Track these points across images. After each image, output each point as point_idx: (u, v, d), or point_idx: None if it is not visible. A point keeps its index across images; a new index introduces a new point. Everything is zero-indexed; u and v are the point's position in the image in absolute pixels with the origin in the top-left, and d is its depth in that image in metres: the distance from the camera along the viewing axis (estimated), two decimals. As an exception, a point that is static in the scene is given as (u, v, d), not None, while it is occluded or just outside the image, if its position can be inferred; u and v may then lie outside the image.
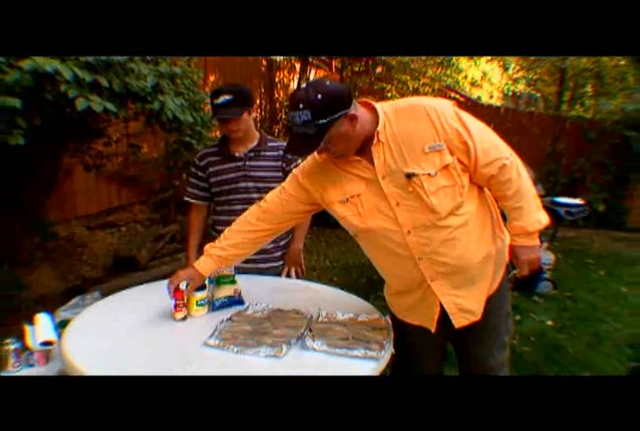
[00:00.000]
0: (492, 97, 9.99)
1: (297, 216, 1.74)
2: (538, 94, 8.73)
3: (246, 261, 2.11)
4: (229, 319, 1.66)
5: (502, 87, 9.66)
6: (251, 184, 2.17)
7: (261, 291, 1.94)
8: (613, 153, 6.94)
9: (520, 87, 9.19)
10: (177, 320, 1.65)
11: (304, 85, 1.43)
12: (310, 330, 1.56)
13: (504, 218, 1.64)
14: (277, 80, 7.29)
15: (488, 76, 9.27)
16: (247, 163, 2.17)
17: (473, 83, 9.29)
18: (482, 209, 1.56)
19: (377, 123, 1.47)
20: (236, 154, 2.17)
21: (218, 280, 1.78)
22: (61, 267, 3.58)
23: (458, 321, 1.58)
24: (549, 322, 3.58)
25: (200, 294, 1.70)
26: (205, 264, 1.71)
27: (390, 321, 1.66)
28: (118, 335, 1.56)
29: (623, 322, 3.64)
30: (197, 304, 1.69)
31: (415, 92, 8.04)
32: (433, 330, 1.62)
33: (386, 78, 8.02)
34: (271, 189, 2.16)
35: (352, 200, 1.54)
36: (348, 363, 1.40)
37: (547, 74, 7.79)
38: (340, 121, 1.42)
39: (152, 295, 1.90)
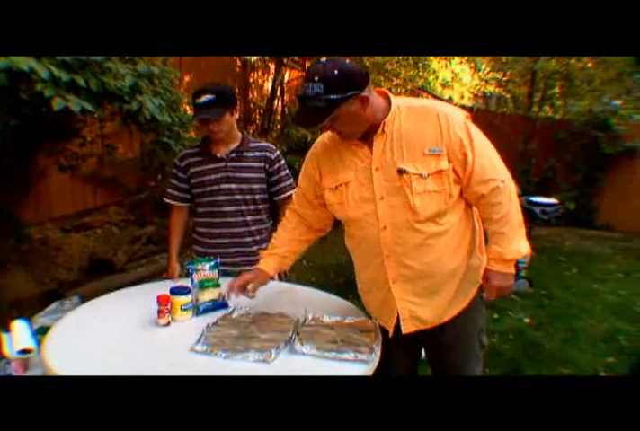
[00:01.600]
0: (462, 97, 10.12)
1: (328, 215, 1.72)
2: (508, 95, 8.86)
3: (228, 264, 2.10)
4: (215, 323, 1.63)
5: (473, 88, 9.79)
6: (234, 186, 2.14)
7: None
8: (582, 153, 7.10)
9: (491, 88, 9.32)
10: (161, 325, 1.62)
11: (323, 59, 1.43)
12: (298, 334, 1.55)
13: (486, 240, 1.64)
14: (251, 80, 7.25)
15: (459, 77, 9.36)
16: (229, 164, 2.14)
17: (444, 84, 9.39)
18: (465, 223, 1.57)
19: (388, 113, 1.48)
20: (218, 155, 2.14)
21: (202, 284, 1.75)
22: (36, 270, 3.49)
23: (407, 327, 1.60)
24: (527, 320, 3.65)
25: (185, 299, 1.67)
26: (268, 264, 1.75)
27: (377, 324, 1.66)
28: (101, 342, 1.53)
29: (596, 318, 3.74)
30: (181, 309, 1.67)
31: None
32: (390, 334, 1.63)
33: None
34: (253, 190, 2.17)
35: (340, 188, 1.56)
36: (338, 366, 1.40)
37: (519, 75, 7.92)
38: (351, 101, 1.41)
39: (133, 300, 1.88)
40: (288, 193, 2.25)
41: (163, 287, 2.02)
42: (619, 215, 6.82)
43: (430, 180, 1.45)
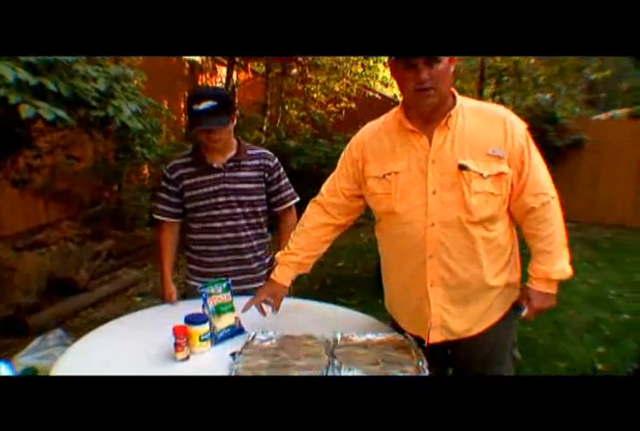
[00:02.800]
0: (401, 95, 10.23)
1: (355, 201, 1.63)
2: (455, 92, 9.05)
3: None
4: (240, 353, 1.46)
5: None
6: (232, 198, 1.94)
7: (255, 315, 1.74)
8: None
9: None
10: (179, 360, 1.43)
11: None
12: (334, 357, 1.42)
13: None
14: (200, 83, 7.02)
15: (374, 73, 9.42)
16: (227, 175, 1.94)
17: (384, 83, 9.47)
18: (509, 237, 1.52)
19: (453, 107, 1.43)
20: (214, 165, 1.94)
21: (218, 309, 1.57)
22: (-11, 295, 3.15)
23: (434, 337, 1.52)
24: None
25: (203, 328, 1.48)
26: (282, 274, 1.66)
27: (411, 338, 1.55)
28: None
29: (576, 309, 3.81)
30: (200, 340, 1.48)
31: (337, 92, 8.17)
32: (426, 343, 1.53)
33: (308, 80, 8.05)
34: (253, 202, 1.99)
35: (389, 177, 1.47)
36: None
37: (467, 71, 8.08)
38: (448, 59, 1.36)
39: (136, 332, 1.67)
40: (290, 204, 2.10)
41: (163, 314, 1.85)
42: (570, 206, 6.99)
43: (489, 182, 1.40)
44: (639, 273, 4.87)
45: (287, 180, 2.10)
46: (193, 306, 1.61)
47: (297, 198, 2.13)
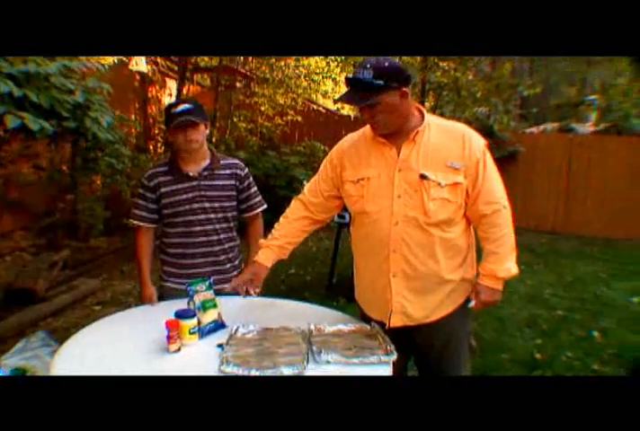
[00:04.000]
0: (343, 107, 10.63)
1: (332, 201, 1.83)
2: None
3: None
4: (227, 344, 1.60)
5: None
6: (207, 204, 2.09)
7: (232, 312, 1.86)
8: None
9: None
10: (172, 352, 1.55)
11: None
12: (312, 344, 1.58)
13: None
14: (150, 95, 7.04)
15: (339, 88, 9.72)
16: (202, 183, 2.08)
17: (324, 95, 9.78)
18: (465, 238, 1.73)
19: (421, 124, 1.64)
20: (190, 174, 2.08)
21: (204, 305, 1.70)
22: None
23: (395, 321, 1.71)
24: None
25: (192, 322, 1.61)
26: (266, 255, 1.83)
27: (378, 327, 1.73)
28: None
29: (516, 307, 4.14)
30: (189, 333, 1.60)
31: (283, 105, 8.39)
32: (387, 326, 1.72)
33: (255, 93, 8.25)
34: (225, 208, 2.14)
35: (362, 182, 1.69)
36: (363, 370, 1.46)
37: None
38: (394, 92, 1.56)
39: (127, 328, 1.77)
40: (258, 210, 2.26)
41: (146, 313, 1.97)
42: (508, 213, 7.54)
43: (446, 190, 1.61)
44: (570, 274, 5.32)
45: (255, 188, 2.26)
46: (173, 306, 1.73)
47: (265, 206, 2.29)
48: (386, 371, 1.47)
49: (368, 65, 1.54)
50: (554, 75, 14.18)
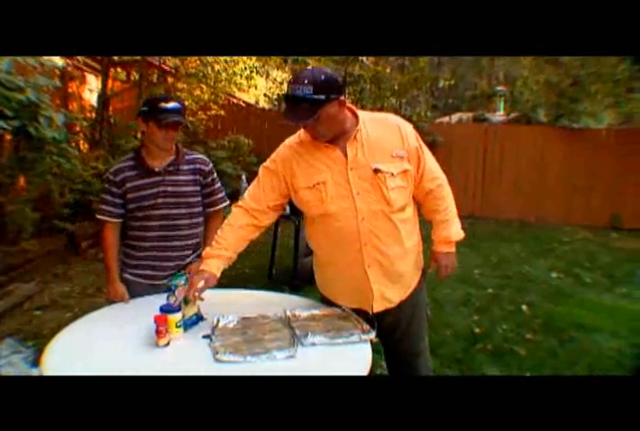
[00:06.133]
0: (257, 102, 10.75)
1: (276, 209, 1.87)
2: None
3: (162, 277, 2.12)
4: (213, 334, 1.66)
5: (268, 91, 10.39)
6: (170, 200, 2.11)
7: (210, 304, 1.90)
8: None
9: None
10: (161, 346, 1.59)
11: (309, 67, 1.67)
12: (293, 329, 1.68)
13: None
14: (70, 91, 6.71)
15: (254, 82, 9.79)
16: (166, 178, 2.10)
17: (239, 88, 9.80)
18: (414, 218, 1.89)
19: (357, 123, 1.73)
20: (155, 169, 2.09)
21: (185, 299, 1.75)
22: None
23: (377, 307, 1.84)
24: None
25: (178, 316, 1.66)
26: (215, 264, 1.79)
27: (348, 309, 1.85)
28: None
29: (450, 288, 4.44)
30: (176, 326, 1.65)
31: (206, 100, 8.40)
32: (371, 313, 1.84)
33: (177, 88, 8.12)
34: (189, 203, 2.17)
35: (318, 187, 1.74)
36: (348, 348, 1.59)
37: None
38: (332, 103, 1.63)
39: (103, 326, 1.78)
40: (221, 206, 2.30)
41: (123, 310, 1.98)
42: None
43: (399, 178, 1.74)
44: (494, 255, 5.77)
45: (219, 184, 2.30)
46: (145, 302, 1.75)
47: (227, 202, 2.33)
48: (368, 348, 1.60)
49: (306, 81, 1.58)
50: (460, 67, 14.99)
